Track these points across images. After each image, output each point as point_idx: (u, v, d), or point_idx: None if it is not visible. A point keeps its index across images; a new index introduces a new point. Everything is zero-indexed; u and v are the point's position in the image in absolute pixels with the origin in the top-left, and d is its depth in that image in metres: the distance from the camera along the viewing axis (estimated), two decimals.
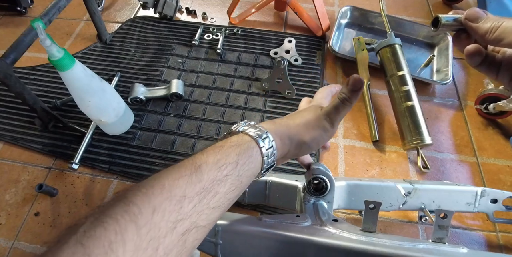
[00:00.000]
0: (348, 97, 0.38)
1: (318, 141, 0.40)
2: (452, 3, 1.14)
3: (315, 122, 0.40)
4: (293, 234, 0.35)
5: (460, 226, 0.68)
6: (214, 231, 0.38)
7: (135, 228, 0.22)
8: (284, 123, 0.40)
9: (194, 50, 0.97)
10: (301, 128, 0.39)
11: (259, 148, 0.34)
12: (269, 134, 0.36)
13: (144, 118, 0.82)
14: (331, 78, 0.93)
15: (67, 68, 0.57)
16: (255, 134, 0.35)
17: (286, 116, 0.42)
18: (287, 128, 0.39)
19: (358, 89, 0.38)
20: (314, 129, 0.39)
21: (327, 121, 0.40)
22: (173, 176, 0.28)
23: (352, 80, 0.38)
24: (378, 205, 0.37)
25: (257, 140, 0.34)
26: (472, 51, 0.32)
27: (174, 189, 0.26)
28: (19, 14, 1.08)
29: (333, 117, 0.39)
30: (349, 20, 1.05)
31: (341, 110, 0.39)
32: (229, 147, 0.33)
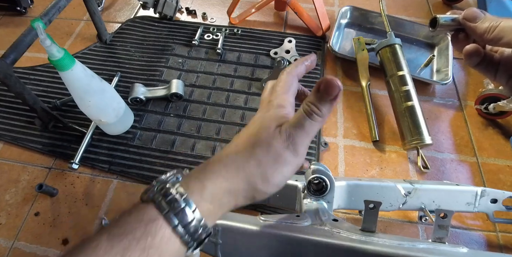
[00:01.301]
0: (318, 109, 0.27)
1: (278, 182, 0.28)
2: (452, 3, 1.14)
3: (269, 155, 0.27)
4: (293, 234, 0.35)
5: (460, 226, 0.68)
6: (214, 231, 0.38)
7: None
8: (220, 169, 0.28)
9: (194, 50, 0.97)
10: (248, 171, 0.27)
11: (171, 228, 0.24)
12: (189, 201, 0.25)
13: (144, 118, 0.82)
14: None
15: (67, 68, 0.57)
16: (165, 206, 0.25)
17: (228, 147, 0.31)
18: (225, 177, 0.27)
19: (333, 97, 0.27)
20: (269, 167, 0.27)
21: (289, 150, 0.27)
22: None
23: (324, 84, 0.26)
24: (378, 205, 0.37)
25: (167, 216, 0.24)
26: (470, 51, 0.31)
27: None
28: (19, 14, 1.08)
29: (299, 140, 0.27)
30: (349, 20, 1.05)
31: (309, 129, 0.27)
32: (115, 236, 0.23)
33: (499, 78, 0.32)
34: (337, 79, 0.26)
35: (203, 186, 0.26)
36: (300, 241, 0.35)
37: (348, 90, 0.90)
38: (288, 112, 0.30)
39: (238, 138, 0.31)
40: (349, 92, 0.90)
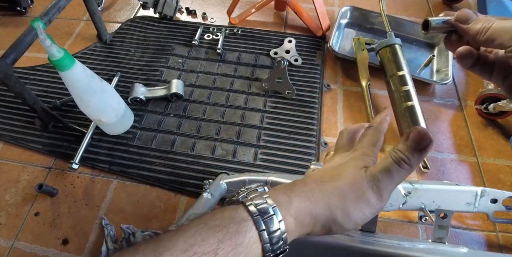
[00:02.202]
0: (407, 158, 0.27)
1: (357, 220, 0.28)
2: (452, 3, 1.14)
3: (354, 193, 0.28)
4: None
5: (460, 226, 0.68)
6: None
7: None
8: (307, 190, 0.28)
9: (194, 50, 0.97)
10: (332, 201, 0.28)
11: (258, 232, 0.25)
12: (277, 211, 0.26)
13: (144, 118, 0.82)
14: (331, 78, 0.93)
15: (67, 68, 0.57)
16: (255, 210, 0.26)
17: (311, 175, 0.30)
18: (310, 199, 0.28)
19: (424, 147, 0.27)
20: (352, 204, 0.27)
21: (373, 191, 0.28)
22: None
23: (416, 134, 0.27)
24: None
25: (257, 219, 0.25)
26: (463, 53, 0.31)
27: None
28: (19, 14, 1.08)
29: (383, 185, 0.28)
30: (349, 20, 1.05)
31: (396, 175, 0.28)
32: (210, 228, 0.24)
33: (495, 78, 0.31)
34: (429, 130, 0.28)
35: (290, 201, 0.27)
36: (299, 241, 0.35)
37: (348, 90, 0.90)
38: (373, 161, 0.31)
39: (322, 170, 0.31)
40: (349, 92, 0.90)
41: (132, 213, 0.69)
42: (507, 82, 0.30)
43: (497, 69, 0.31)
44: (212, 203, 0.53)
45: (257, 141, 0.78)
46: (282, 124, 0.81)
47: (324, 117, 0.84)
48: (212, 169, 0.74)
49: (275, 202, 0.26)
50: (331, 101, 0.88)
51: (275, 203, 0.26)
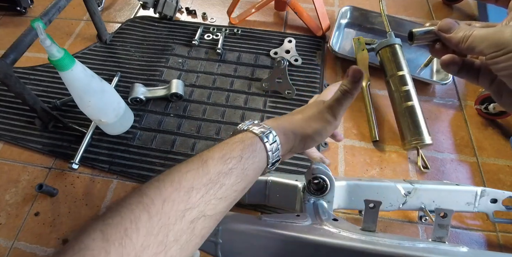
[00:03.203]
0: (348, 88, 0.39)
1: (322, 133, 0.41)
2: (452, 3, 1.14)
3: (318, 116, 0.41)
4: (293, 234, 0.35)
5: (460, 226, 0.68)
6: (215, 231, 0.38)
7: (148, 216, 0.25)
8: (287, 119, 0.41)
9: (194, 50, 0.97)
10: (304, 122, 0.41)
11: (263, 143, 0.36)
12: (272, 130, 0.37)
13: (144, 118, 0.82)
14: (331, 78, 0.93)
15: (67, 68, 0.57)
16: (258, 131, 0.37)
17: (290, 112, 0.44)
18: (290, 123, 0.40)
19: (358, 79, 0.39)
20: (317, 122, 0.41)
21: (329, 114, 0.41)
22: (182, 170, 0.31)
23: (351, 71, 0.39)
24: (378, 204, 0.37)
25: (261, 136, 0.36)
26: (447, 61, 0.33)
27: (182, 182, 0.29)
28: (19, 14, 1.08)
29: (336, 109, 0.41)
30: (349, 20, 1.05)
31: (343, 101, 0.40)
32: (233, 143, 0.35)
33: (482, 83, 0.33)
34: (358, 67, 0.39)
35: (278, 124, 0.39)
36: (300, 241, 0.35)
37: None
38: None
39: (298, 110, 0.44)
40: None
41: None
42: (493, 86, 0.32)
43: (482, 74, 0.32)
44: None
45: None
46: None
47: None
48: None
49: (269, 126, 0.38)
50: None
51: (270, 126, 0.38)
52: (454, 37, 0.31)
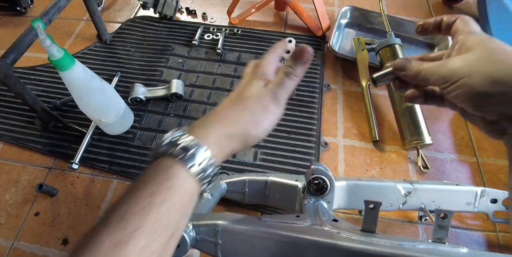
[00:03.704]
0: (295, 71, 0.35)
1: (266, 128, 0.34)
2: (452, 3, 1.14)
3: (259, 106, 0.34)
4: (293, 234, 0.35)
5: (460, 226, 0.68)
6: (214, 231, 0.38)
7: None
8: (222, 119, 0.33)
9: (194, 50, 0.97)
10: (243, 119, 0.33)
11: (187, 169, 0.29)
12: (200, 145, 0.30)
13: (144, 118, 0.82)
14: (331, 78, 0.93)
15: (67, 68, 0.57)
16: (179, 152, 0.29)
17: (222, 103, 0.35)
18: (225, 124, 0.33)
19: (305, 61, 0.35)
20: (259, 115, 0.34)
21: (272, 102, 0.34)
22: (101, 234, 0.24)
23: (298, 51, 0.35)
24: (378, 205, 0.37)
25: (182, 160, 0.29)
26: (409, 96, 0.38)
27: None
28: (19, 14, 1.08)
29: (279, 95, 0.34)
30: (349, 20, 1.05)
31: (287, 85, 0.35)
32: (142, 187, 0.27)
33: (447, 106, 0.36)
34: (309, 46, 0.35)
35: (208, 132, 0.31)
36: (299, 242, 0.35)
37: (348, 90, 0.90)
38: (270, 78, 0.36)
39: (230, 96, 0.36)
40: (349, 92, 0.90)
41: None
42: (458, 108, 0.34)
43: (446, 99, 0.36)
44: (212, 203, 0.53)
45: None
46: (282, 124, 0.81)
47: (324, 117, 0.84)
48: None
49: (195, 136, 0.30)
50: (331, 101, 0.88)
51: (195, 137, 0.30)
52: (409, 74, 0.34)
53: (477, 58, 0.29)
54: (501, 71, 0.27)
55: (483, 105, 0.28)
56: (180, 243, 0.37)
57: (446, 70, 0.30)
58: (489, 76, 0.27)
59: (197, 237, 0.38)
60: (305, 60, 0.35)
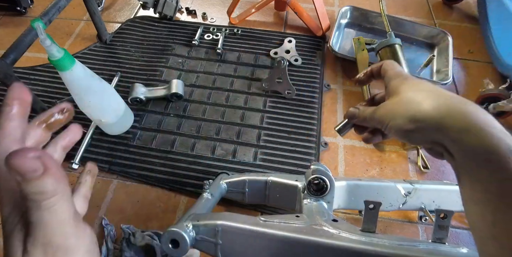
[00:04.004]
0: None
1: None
2: (452, 3, 1.14)
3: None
4: (293, 234, 0.35)
5: (460, 226, 0.68)
6: (214, 231, 0.38)
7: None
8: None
9: (194, 50, 0.97)
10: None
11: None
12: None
13: (144, 118, 0.82)
14: (331, 78, 0.93)
15: (67, 68, 0.57)
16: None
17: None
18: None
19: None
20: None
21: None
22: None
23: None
24: (378, 205, 0.37)
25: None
26: (365, 139, 0.41)
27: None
28: (19, 14, 1.08)
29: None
30: (349, 20, 1.05)
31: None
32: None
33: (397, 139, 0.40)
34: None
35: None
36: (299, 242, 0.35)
37: (348, 90, 0.90)
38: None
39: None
40: (349, 92, 0.90)
41: (132, 213, 0.69)
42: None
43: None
44: (212, 203, 0.53)
45: (257, 141, 0.78)
46: (282, 124, 0.81)
47: (324, 117, 0.84)
48: (212, 169, 0.74)
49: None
50: (331, 101, 0.88)
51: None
52: (360, 121, 0.39)
53: (397, 102, 0.33)
54: (416, 111, 0.30)
55: (413, 139, 0.32)
56: (180, 243, 0.37)
57: (378, 116, 0.35)
58: (407, 116, 0.31)
59: (197, 237, 0.38)
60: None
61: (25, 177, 0.18)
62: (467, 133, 0.27)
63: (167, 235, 0.37)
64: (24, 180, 0.18)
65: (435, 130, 0.29)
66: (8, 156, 0.17)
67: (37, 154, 0.18)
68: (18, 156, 0.17)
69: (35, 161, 0.18)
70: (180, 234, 0.37)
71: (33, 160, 0.18)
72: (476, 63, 0.98)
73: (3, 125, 0.22)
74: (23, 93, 0.23)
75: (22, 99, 0.23)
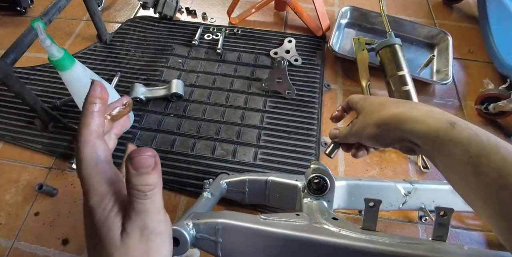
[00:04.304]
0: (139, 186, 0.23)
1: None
2: (452, 3, 1.14)
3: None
4: (293, 232, 0.35)
5: (460, 226, 0.68)
6: (215, 230, 0.37)
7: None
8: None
9: (194, 50, 0.97)
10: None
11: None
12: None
13: (144, 118, 0.82)
14: (331, 78, 0.93)
15: (67, 68, 0.57)
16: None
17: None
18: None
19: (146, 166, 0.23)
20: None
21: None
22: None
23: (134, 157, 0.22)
24: (378, 203, 0.37)
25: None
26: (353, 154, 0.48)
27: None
28: (19, 14, 1.08)
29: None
30: (349, 20, 1.05)
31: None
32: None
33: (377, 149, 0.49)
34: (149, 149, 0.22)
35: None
36: (299, 240, 0.35)
37: (348, 90, 0.90)
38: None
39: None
40: (349, 92, 0.90)
41: None
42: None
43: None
44: (212, 202, 0.53)
45: (257, 141, 0.78)
46: (282, 124, 0.81)
47: (324, 117, 0.84)
48: (212, 169, 0.74)
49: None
50: (331, 101, 0.88)
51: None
52: (342, 139, 0.47)
53: (364, 116, 0.42)
54: (379, 117, 0.38)
55: (384, 141, 0.39)
56: (181, 241, 0.37)
57: (354, 131, 0.43)
58: (374, 124, 0.39)
59: (197, 235, 0.38)
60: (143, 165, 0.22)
61: (140, 171, 0.22)
62: (417, 123, 0.34)
63: None
64: (137, 174, 0.22)
65: (396, 128, 0.36)
66: (131, 154, 0.22)
67: (153, 153, 0.22)
68: (139, 155, 0.22)
69: (152, 159, 0.22)
70: (181, 232, 0.37)
71: (150, 158, 0.22)
72: (476, 63, 0.98)
73: (88, 122, 0.26)
74: (104, 91, 0.28)
75: (103, 98, 0.28)
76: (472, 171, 0.29)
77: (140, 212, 0.23)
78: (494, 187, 0.27)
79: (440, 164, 0.33)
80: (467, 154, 0.29)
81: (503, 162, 0.27)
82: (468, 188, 0.30)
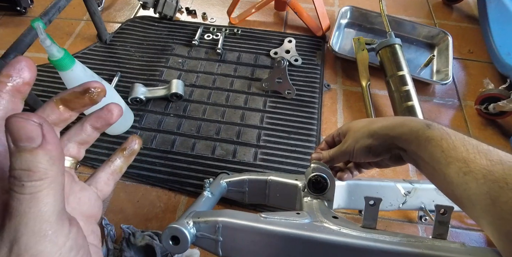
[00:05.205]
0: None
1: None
2: (452, 3, 1.14)
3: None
4: (294, 231, 0.35)
5: (460, 226, 0.68)
6: (215, 228, 0.37)
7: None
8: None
9: (194, 50, 0.97)
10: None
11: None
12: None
13: (144, 118, 0.82)
14: (331, 78, 0.93)
15: (67, 68, 0.57)
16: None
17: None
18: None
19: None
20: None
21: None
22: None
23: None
24: (378, 201, 0.37)
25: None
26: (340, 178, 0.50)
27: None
28: (19, 14, 1.08)
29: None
30: (349, 20, 1.06)
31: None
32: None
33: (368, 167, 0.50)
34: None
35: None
36: (300, 238, 0.35)
37: (348, 90, 0.90)
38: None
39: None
40: (349, 92, 0.90)
41: (132, 213, 0.68)
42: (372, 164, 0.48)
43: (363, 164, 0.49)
44: (212, 201, 0.53)
45: (257, 141, 0.78)
46: (282, 124, 0.81)
47: (324, 117, 0.84)
48: (212, 169, 0.74)
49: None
50: (331, 101, 0.88)
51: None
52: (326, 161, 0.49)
53: (354, 133, 0.45)
54: (370, 129, 0.42)
55: (376, 151, 0.42)
56: (181, 239, 0.37)
57: (345, 148, 0.46)
58: (366, 135, 0.43)
59: (198, 234, 0.38)
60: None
61: (18, 145, 0.15)
62: (402, 126, 0.38)
63: (168, 231, 0.37)
64: (16, 149, 0.15)
65: (386, 135, 0.40)
66: (10, 116, 0.15)
67: (41, 120, 0.15)
68: (20, 118, 0.15)
69: (36, 128, 0.15)
70: (181, 230, 0.37)
71: (34, 126, 0.15)
72: (476, 63, 0.98)
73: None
74: (25, 70, 0.22)
75: (12, 76, 0.21)
76: (444, 162, 0.33)
77: (14, 214, 0.15)
78: (462, 173, 0.31)
79: (422, 166, 0.37)
80: (439, 149, 0.34)
81: (467, 152, 0.32)
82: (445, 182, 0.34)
